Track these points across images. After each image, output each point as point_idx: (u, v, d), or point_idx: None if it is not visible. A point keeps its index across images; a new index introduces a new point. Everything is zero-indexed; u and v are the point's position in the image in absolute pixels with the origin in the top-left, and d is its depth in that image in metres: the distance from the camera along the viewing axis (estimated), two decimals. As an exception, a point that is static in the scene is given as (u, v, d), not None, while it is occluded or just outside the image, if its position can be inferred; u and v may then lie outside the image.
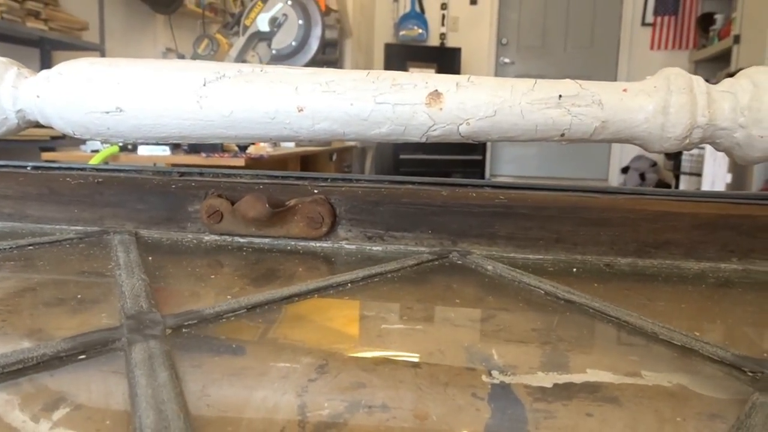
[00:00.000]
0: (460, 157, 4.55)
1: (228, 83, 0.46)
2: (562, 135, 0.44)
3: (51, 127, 0.49)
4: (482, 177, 4.79)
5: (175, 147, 2.23)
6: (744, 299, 0.40)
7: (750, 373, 0.27)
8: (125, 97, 0.46)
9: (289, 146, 2.83)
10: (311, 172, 0.54)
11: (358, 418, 0.24)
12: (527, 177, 5.07)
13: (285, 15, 2.99)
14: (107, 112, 0.47)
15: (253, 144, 2.49)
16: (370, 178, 0.52)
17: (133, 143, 1.39)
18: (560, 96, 0.43)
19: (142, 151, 2.14)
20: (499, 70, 5.04)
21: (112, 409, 0.24)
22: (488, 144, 4.75)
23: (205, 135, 0.47)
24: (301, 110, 0.45)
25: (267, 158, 2.26)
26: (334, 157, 3.49)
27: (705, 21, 4.38)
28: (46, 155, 2.50)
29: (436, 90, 0.45)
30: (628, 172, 4.68)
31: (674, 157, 3.76)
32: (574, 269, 0.46)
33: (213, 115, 0.46)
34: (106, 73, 0.47)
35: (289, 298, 0.36)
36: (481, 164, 4.70)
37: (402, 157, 4.43)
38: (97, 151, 2.19)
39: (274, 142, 2.92)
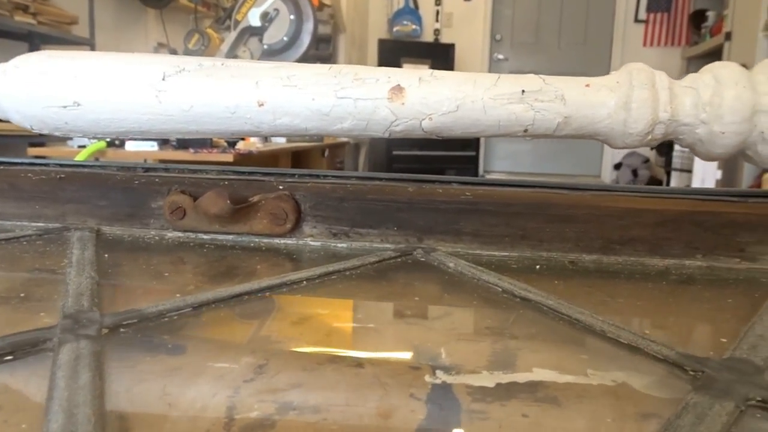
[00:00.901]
0: (454, 153, 4.55)
1: (188, 77, 0.45)
2: (526, 130, 0.44)
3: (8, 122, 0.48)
4: (476, 173, 4.78)
5: (164, 143, 2.21)
6: (703, 296, 0.39)
7: (691, 373, 0.26)
8: (82, 91, 0.46)
9: (280, 141, 2.82)
10: (278, 168, 0.53)
11: (287, 420, 0.23)
12: (521, 173, 5.07)
13: (276, 10, 2.98)
14: (64, 107, 0.46)
15: (242, 139, 2.48)
16: (336, 174, 0.52)
17: (93, 137, 1.38)
18: (523, 91, 0.43)
19: (130, 146, 2.13)
20: (493, 66, 5.03)
21: (30, 412, 0.23)
22: (482, 140, 4.74)
23: (165, 130, 0.47)
24: (262, 105, 0.45)
25: (257, 154, 2.25)
26: (327, 153, 3.47)
27: (697, 18, 4.38)
28: (33, 150, 2.48)
29: (399, 85, 0.44)
30: (620, 168, 4.69)
31: (665, 153, 3.77)
32: (538, 266, 0.45)
33: (172, 110, 0.45)
34: (63, 67, 0.46)
35: (239, 297, 0.35)
36: (474, 160, 4.70)
37: (395, 153, 4.43)
38: (84, 147, 2.17)
39: (265, 138, 2.90)
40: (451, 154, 4.51)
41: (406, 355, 0.32)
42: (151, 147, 2.18)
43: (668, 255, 0.46)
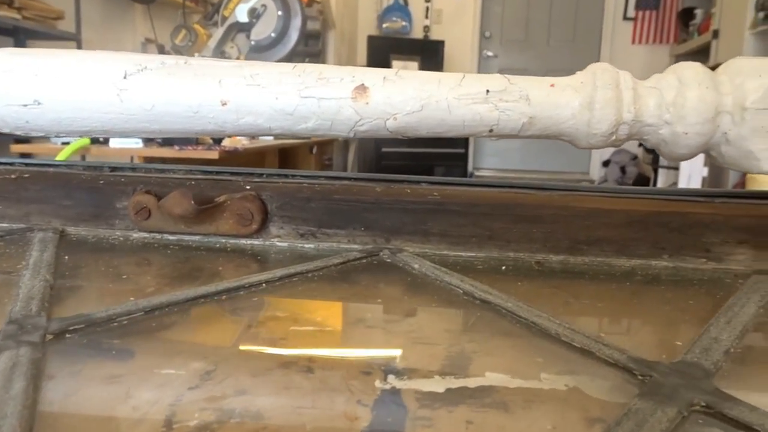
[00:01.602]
0: (443, 151, 4.54)
1: (150, 75, 0.45)
2: (491, 131, 0.44)
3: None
4: (465, 170, 4.79)
5: (149, 139, 2.20)
6: (666, 297, 0.39)
7: (640, 377, 0.26)
8: (43, 90, 0.45)
9: (267, 138, 2.80)
10: (245, 168, 0.52)
11: (226, 428, 0.23)
12: (510, 170, 5.08)
13: (264, 6, 2.96)
14: (25, 105, 0.45)
15: (229, 136, 2.46)
16: (305, 174, 0.51)
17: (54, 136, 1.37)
18: (488, 91, 0.43)
19: (114, 143, 2.11)
20: (483, 63, 5.03)
21: (-42, 421, 0.22)
22: (470, 138, 4.74)
23: (127, 129, 0.46)
24: (225, 104, 0.44)
25: (242, 151, 2.24)
26: (314, 150, 3.46)
27: (685, 16, 4.40)
28: (17, 147, 2.45)
29: (363, 84, 0.44)
30: (609, 165, 4.70)
31: (653, 150, 3.79)
32: (504, 267, 0.45)
33: (134, 109, 0.45)
34: (24, 64, 0.45)
35: (194, 300, 0.34)
36: (463, 158, 4.70)
37: (384, 150, 4.42)
38: (68, 143, 2.15)
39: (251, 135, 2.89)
40: (440, 152, 4.50)
41: (361, 360, 0.31)
42: (136, 144, 2.16)
43: (635, 255, 0.46)
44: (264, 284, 0.38)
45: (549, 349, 0.32)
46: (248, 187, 0.50)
